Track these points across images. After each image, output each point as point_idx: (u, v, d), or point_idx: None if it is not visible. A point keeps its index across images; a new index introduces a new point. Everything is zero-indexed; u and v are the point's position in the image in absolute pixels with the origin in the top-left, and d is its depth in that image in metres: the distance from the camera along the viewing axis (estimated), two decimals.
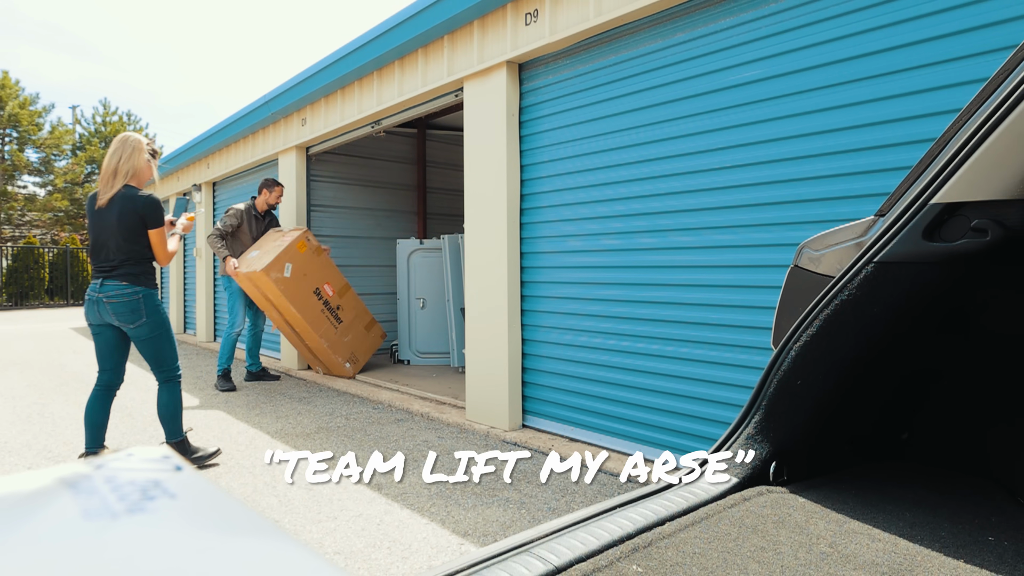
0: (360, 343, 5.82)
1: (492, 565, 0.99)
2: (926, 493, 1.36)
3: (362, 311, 5.86)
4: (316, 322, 5.41)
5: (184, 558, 0.20)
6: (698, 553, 1.06)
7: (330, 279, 5.57)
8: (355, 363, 5.75)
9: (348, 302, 5.72)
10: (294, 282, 5.23)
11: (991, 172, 1.06)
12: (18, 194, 23.31)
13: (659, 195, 3.21)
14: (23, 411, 4.59)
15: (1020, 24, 2.09)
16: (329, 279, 5.55)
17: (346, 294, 5.72)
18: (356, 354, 5.76)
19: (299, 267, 5.27)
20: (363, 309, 5.88)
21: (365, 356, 5.86)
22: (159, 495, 0.24)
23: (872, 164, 2.46)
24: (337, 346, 5.59)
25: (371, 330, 5.93)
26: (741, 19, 2.86)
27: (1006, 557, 1.08)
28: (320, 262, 5.49)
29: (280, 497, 2.87)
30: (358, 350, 5.79)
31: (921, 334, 1.39)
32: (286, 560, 0.21)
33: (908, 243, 1.17)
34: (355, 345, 5.76)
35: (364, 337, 5.86)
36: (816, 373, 1.33)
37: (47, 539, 0.20)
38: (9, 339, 9.69)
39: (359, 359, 5.80)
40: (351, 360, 5.70)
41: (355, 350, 5.75)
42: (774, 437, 1.38)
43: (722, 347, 2.94)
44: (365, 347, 5.86)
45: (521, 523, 2.56)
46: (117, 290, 2.95)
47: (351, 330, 5.71)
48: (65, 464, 0.27)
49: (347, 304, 5.70)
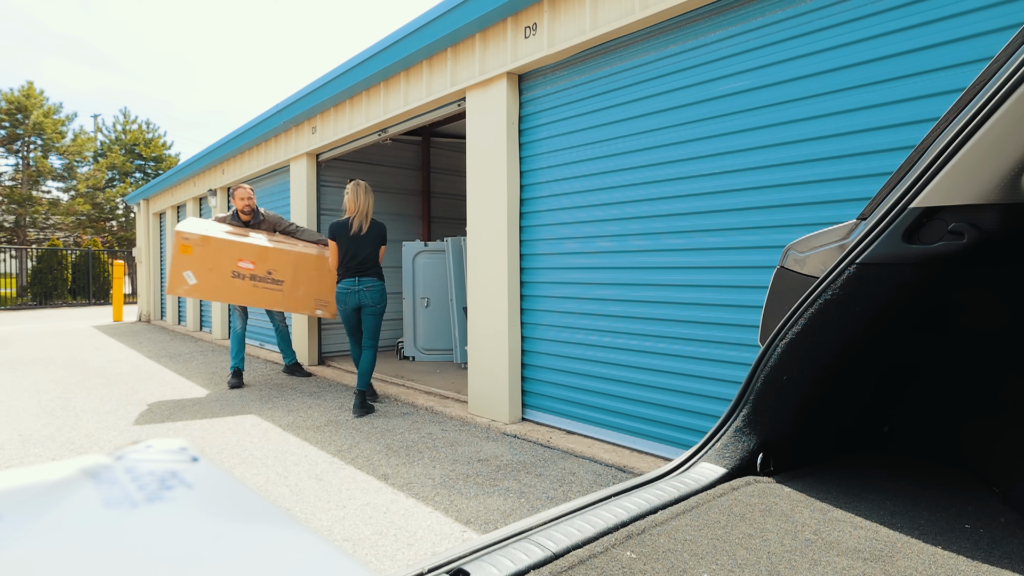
0: (320, 287, 5.15)
1: (493, 551, 0.98)
2: (906, 483, 1.36)
3: (300, 260, 5.04)
4: (260, 298, 4.92)
5: (201, 544, 0.20)
6: (689, 540, 1.06)
7: (241, 255, 4.81)
8: (326, 306, 5.21)
9: (278, 262, 4.94)
10: (207, 283, 4.74)
11: (968, 178, 1.06)
12: (42, 198, 23.31)
13: (652, 199, 3.21)
14: (47, 405, 4.59)
15: (995, 37, 2.09)
16: (240, 255, 4.81)
17: (269, 255, 4.90)
18: (322, 298, 5.16)
19: (200, 267, 4.71)
20: (300, 256, 5.03)
21: (330, 293, 5.14)
22: (177, 484, 0.24)
23: (854, 170, 2.46)
24: (296, 303, 5.06)
25: (320, 265, 5.15)
26: (729, 32, 2.86)
27: (981, 543, 1.08)
28: (215, 248, 4.75)
29: (291, 487, 2.87)
30: (321, 294, 5.16)
31: (901, 332, 1.39)
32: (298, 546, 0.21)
33: (889, 245, 1.17)
34: (315, 292, 5.13)
35: (320, 280, 5.15)
36: (801, 369, 1.33)
37: (70, 526, 0.20)
38: (34, 336, 9.69)
39: (328, 300, 5.19)
40: (320, 306, 5.17)
41: (318, 295, 5.15)
42: (761, 430, 1.38)
43: (712, 344, 2.94)
44: (326, 286, 5.16)
45: (521, 511, 2.56)
46: (371, 284, 4.37)
47: (299, 284, 5.04)
48: (87, 455, 0.27)
49: (278, 264, 4.95)
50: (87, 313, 15.58)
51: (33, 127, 22.24)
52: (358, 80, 5.09)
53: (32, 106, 22.33)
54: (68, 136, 23.89)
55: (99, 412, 4.36)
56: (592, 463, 3.17)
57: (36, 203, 22.61)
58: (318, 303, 5.14)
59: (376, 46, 4.78)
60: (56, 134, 23.02)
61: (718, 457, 1.39)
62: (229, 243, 4.80)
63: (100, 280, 20.11)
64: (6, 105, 21.93)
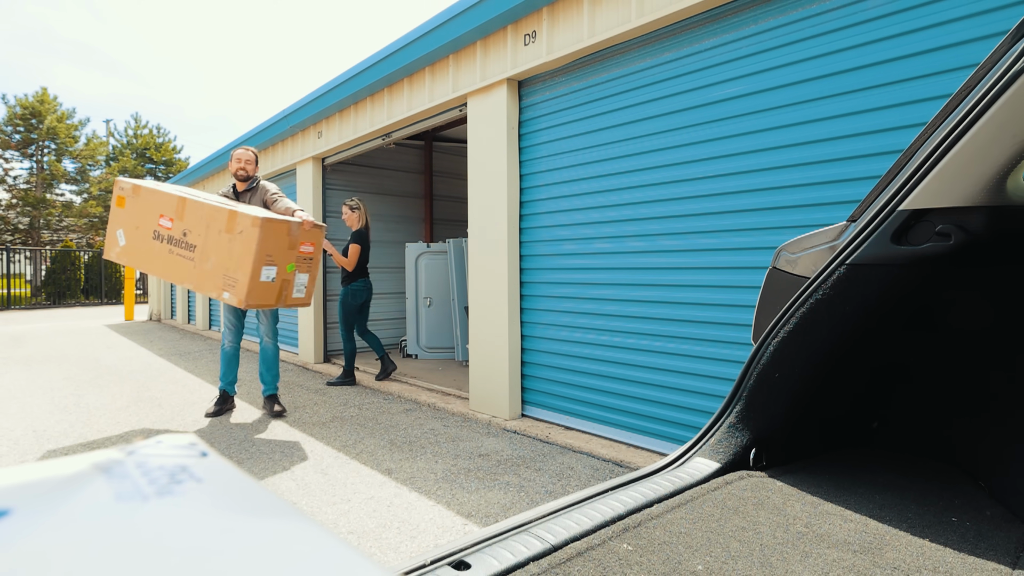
0: (229, 259, 3.37)
1: (494, 544, 0.98)
2: (894, 477, 1.36)
3: (213, 217, 3.43)
4: (174, 270, 3.52)
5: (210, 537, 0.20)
6: (684, 532, 1.06)
7: (163, 209, 3.56)
8: (233, 285, 3.37)
9: (193, 219, 3.48)
10: (133, 244, 3.63)
11: (954, 181, 1.06)
12: (56, 201, 23.31)
13: (648, 202, 3.21)
14: (60, 402, 4.59)
15: (981, 44, 2.09)
16: (162, 210, 3.56)
17: (187, 210, 3.49)
18: (231, 275, 3.37)
19: (128, 224, 3.65)
20: (213, 213, 3.43)
21: (240, 267, 3.34)
22: (186, 479, 0.24)
23: (844, 174, 2.46)
24: (204, 278, 3.44)
25: (233, 224, 3.36)
26: (723, 40, 2.86)
27: (967, 536, 1.08)
28: (143, 199, 3.61)
29: (298, 481, 2.87)
30: (231, 269, 3.38)
31: (890, 331, 1.39)
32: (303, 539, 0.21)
33: (878, 246, 1.17)
34: (223, 265, 3.39)
35: (231, 249, 3.36)
36: (793, 367, 1.33)
37: (83, 519, 0.20)
38: (48, 335, 9.68)
39: (236, 277, 3.36)
40: (228, 286, 3.39)
41: (227, 271, 3.38)
42: (754, 425, 1.38)
43: (706, 342, 2.94)
44: (236, 256, 3.35)
45: (520, 505, 2.56)
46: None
47: (210, 251, 3.42)
48: (99, 450, 0.27)
49: (193, 222, 3.47)
50: (99, 312, 15.58)
51: (47, 132, 22.24)
52: (363, 86, 5.09)
53: (46, 111, 22.33)
54: (81, 140, 23.90)
55: (111, 408, 4.36)
56: (590, 458, 3.17)
57: (50, 205, 22.61)
58: (226, 282, 3.39)
59: (380, 53, 4.78)
60: (69, 138, 23.02)
61: (712, 452, 1.39)
62: (155, 193, 3.60)
63: (112, 280, 20.10)
64: (21, 110, 21.94)
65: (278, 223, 3.44)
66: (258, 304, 3.47)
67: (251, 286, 3.32)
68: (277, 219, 3.45)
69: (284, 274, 3.54)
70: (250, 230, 3.30)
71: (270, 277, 3.44)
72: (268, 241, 3.37)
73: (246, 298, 3.32)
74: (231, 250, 3.38)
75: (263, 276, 3.39)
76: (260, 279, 3.37)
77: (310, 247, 3.69)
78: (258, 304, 3.47)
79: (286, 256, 3.53)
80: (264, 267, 3.38)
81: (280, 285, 3.54)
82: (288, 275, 3.58)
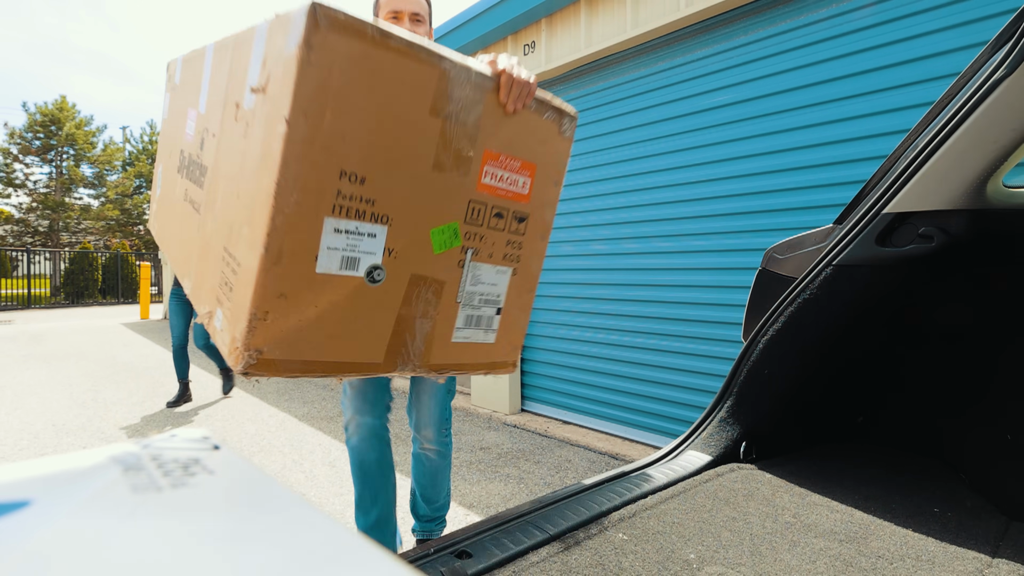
0: (245, 194, 0.81)
1: (495, 533, 0.99)
2: (879, 470, 1.36)
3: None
4: (183, 244, 1.19)
5: (223, 528, 0.20)
6: (677, 523, 1.06)
7: (189, 97, 1.24)
8: (231, 286, 0.79)
9: (214, 98, 1.04)
10: (164, 198, 1.58)
11: (936, 185, 1.06)
12: (74, 204, 23.31)
13: (642, 205, 3.21)
14: (79, 397, 4.59)
15: (962, 54, 2.09)
16: (188, 100, 1.24)
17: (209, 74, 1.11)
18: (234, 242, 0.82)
19: (164, 150, 1.62)
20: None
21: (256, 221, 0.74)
22: (199, 471, 0.24)
23: (831, 178, 2.46)
24: (202, 263, 0.95)
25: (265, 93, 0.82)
26: (715, 50, 2.86)
27: (949, 526, 1.08)
28: (184, 87, 1.28)
29: (306, 473, 2.87)
30: (238, 219, 0.81)
31: (875, 329, 1.39)
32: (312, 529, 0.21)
33: (863, 248, 1.17)
34: (232, 211, 0.85)
35: (247, 151, 0.82)
36: (782, 363, 1.33)
37: (100, 510, 0.21)
38: (66, 333, 9.69)
39: (241, 254, 0.78)
40: (221, 288, 0.84)
41: (232, 226, 0.83)
42: (744, 420, 1.38)
43: (698, 340, 2.94)
44: (262, 187, 0.74)
45: (520, 496, 2.56)
46: None
47: (220, 173, 0.93)
48: (116, 444, 0.27)
49: (212, 114, 1.04)
50: (116, 311, 15.58)
51: (66, 138, 22.25)
52: None
53: (65, 119, 22.34)
54: (99, 147, 23.90)
55: (127, 403, 4.36)
56: (586, 451, 3.17)
57: (68, 209, 22.62)
58: (221, 275, 0.84)
59: None
60: (87, 144, 23.03)
61: (704, 445, 1.39)
62: (195, 60, 1.24)
63: (128, 281, 20.10)
64: (41, 118, 21.96)
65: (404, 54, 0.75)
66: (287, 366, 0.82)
67: (272, 287, 0.74)
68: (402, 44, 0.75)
69: (426, 264, 0.87)
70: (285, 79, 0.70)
71: (354, 267, 0.79)
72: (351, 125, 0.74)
73: (252, 337, 0.74)
74: (253, 169, 0.79)
75: (322, 256, 0.75)
76: (313, 266, 0.75)
77: (513, 184, 0.99)
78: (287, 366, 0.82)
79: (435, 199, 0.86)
80: (329, 220, 0.75)
81: (403, 303, 0.87)
82: (443, 269, 0.91)
